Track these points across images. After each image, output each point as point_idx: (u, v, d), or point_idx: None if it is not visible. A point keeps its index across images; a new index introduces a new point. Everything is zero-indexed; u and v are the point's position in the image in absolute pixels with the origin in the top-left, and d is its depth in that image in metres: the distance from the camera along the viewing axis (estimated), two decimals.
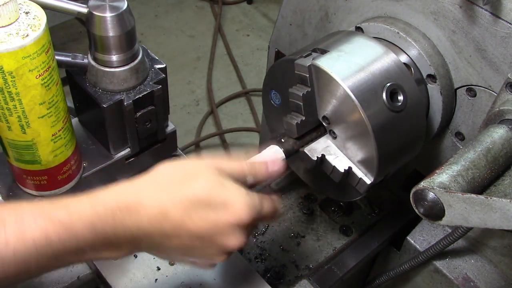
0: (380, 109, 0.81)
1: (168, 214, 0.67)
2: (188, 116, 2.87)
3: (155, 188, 0.69)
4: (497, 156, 0.73)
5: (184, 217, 0.68)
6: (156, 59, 1.00)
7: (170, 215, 0.67)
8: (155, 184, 0.70)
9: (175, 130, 1.08)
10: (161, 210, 0.67)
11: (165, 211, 0.67)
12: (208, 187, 0.69)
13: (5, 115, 0.77)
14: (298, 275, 1.07)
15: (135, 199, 0.67)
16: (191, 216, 0.68)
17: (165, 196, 0.68)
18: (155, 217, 0.67)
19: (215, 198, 0.69)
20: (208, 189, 0.69)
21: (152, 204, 0.67)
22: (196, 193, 0.68)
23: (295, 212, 1.18)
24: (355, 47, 0.86)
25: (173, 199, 0.68)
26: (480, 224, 0.66)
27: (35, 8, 0.76)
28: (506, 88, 0.80)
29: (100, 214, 0.65)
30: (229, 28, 3.49)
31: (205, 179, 0.70)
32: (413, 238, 1.09)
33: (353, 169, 0.86)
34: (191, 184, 0.69)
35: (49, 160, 0.87)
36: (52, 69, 0.78)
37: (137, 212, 0.66)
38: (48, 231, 0.62)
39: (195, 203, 0.68)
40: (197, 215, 0.68)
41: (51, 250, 0.63)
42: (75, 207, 0.65)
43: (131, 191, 0.69)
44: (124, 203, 0.67)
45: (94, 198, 0.67)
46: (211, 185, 0.69)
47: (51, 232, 0.63)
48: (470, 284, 1.03)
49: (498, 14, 0.84)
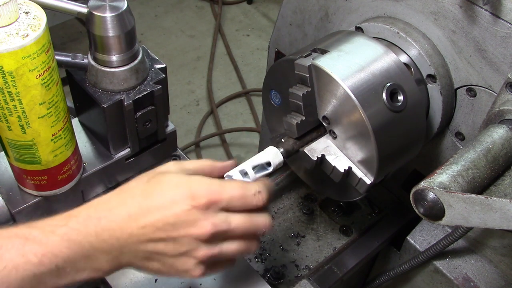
0: (380, 109, 0.81)
1: (136, 216, 0.69)
2: (188, 116, 2.87)
3: (123, 197, 0.72)
4: (497, 156, 0.73)
5: (148, 215, 0.69)
6: (156, 59, 1.00)
7: (139, 217, 0.69)
8: (123, 194, 0.72)
9: (175, 130, 1.08)
10: (129, 213, 0.69)
11: (133, 214, 0.69)
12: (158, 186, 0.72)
13: (5, 115, 0.77)
14: (298, 275, 1.07)
15: (105, 208, 0.70)
16: (154, 214, 0.69)
17: (131, 201, 0.70)
18: (123, 220, 0.69)
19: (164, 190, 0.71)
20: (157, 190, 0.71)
21: (120, 210, 0.70)
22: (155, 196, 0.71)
23: (295, 212, 1.18)
24: (355, 47, 0.86)
25: (138, 202, 0.70)
26: (480, 224, 0.66)
27: (35, 8, 0.76)
28: (506, 88, 0.80)
29: (73, 226, 0.68)
30: (229, 28, 3.49)
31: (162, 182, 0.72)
32: (413, 238, 1.09)
33: (353, 169, 0.86)
34: (154, 188, 0.72)
35: (49, 160, 0.87)
36: (52, 69, 0.78)
37: (107, 219, 0.69)
38: (24, 250, 0.64)
39: (156, 203, 0.70)
40: (159, 213, 0.69)
41: (31, 270, 0.64)
42: (49, 224, 0.68)
43: (101, 203, 0.71)
44: (95, 213, 0.69)
45: (66, 214, 0.70)
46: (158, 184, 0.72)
47: (28, 251, 0.64)
48: (470, 284, 1.03)
49: (498, 14, 0.84)
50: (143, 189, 0.72)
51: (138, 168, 1.06)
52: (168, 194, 0.70)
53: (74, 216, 0.69)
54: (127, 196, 0.72)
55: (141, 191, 0.71)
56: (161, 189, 0.71)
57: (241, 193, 0.73)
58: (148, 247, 0.70)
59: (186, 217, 0.69)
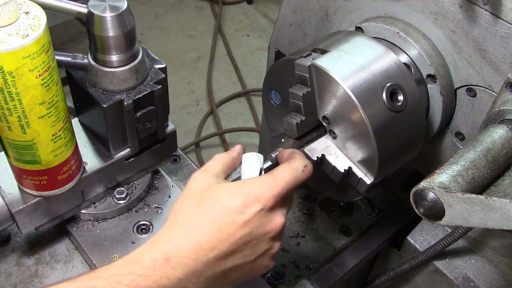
0: (380, 109, 0.81)
1: (208, 242, 0.67)
2: (188, 116, 2.87)
3: (184, 230, 0.68)
4: (497, 156, 0.73)
5: (219, 235, 0.67)
6: (156, 59, 1.00)
7: (211, 241, 0.67)
8: (181, 226, 0.69)
9: (175, 130, 1.08)
10: (199, 243, 0.66)
11: (204, 241, 0.67)
12: (221, 202, 0.69)
13: (5, 115, 0.77)
14: (298, 275, 1.07)
15: (171, 247, 0.66)
16: (225, 230, 0.67)
17: (195, 231, 0.67)
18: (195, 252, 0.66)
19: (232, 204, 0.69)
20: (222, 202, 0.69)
21: (188, 244, 0.66)
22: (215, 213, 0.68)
23: (295, 212, 1.18)
24: (355, 47, 0.86)
25: (203, 227, 0.67)
26: (480, 224, 0.66)
27: (35, 8, 0.76)
28: (506, 88, 0.80)
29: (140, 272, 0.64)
30: (229, 28, 3.49)
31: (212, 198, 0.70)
32: (413, 238, 1.09)
33: (353, 169, 0.86)
34: (212, 207, 0.69)
35: (49, 160, 0.86)
36: (52, 69, 0.78)
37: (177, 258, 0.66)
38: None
39: (223, 220, 0.68)
40: (230, 228, 0.67)
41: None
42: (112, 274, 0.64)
43: (162, 242, 0.68)
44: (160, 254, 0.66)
45: (128, 260, 0.66)
46: (222, 198, 0.69)
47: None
48: (470, 284, 1.03)
49: (498, 14, 0.84)
50: (202, 213, 0.69)
51: (138, 168, 1.06)
52: (230, 206, 0.68)
53: (138, 262, 0.65)
54: (188, 227, 0.68)
55: (201, 217, 0.68)
56: (221, 206, 0.68)
57: (293, 175, 0.73)
58: (227, 264, 0.68)
59: (259, 221, 0.69)
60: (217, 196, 0.69)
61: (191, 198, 0.71)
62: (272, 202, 0.70)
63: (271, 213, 0.70)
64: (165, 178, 1.14)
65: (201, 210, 0.69)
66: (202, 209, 0.69)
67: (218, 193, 0.70)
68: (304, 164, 0.75)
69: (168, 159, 1.12)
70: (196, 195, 0.71)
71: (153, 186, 1.12)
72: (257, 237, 0.69)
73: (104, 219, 1.05)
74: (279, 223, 0.71)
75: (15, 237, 1.04)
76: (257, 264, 0.72)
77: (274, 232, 0.71)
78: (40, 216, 0.95)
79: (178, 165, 1.20)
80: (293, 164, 0.75)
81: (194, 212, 0.69)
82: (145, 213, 1.07)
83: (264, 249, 0.71)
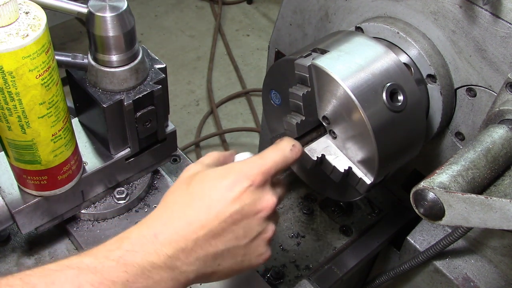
0: (380, 109, 0.81)
1: (197, 220, 0.66)
2: (188, 116, 2.87)
3: (173, 209, 0.68)
4: (497, 156, 0.73)
5: (209, 213, 0.67)
6: (156, 59, 1.00)
7: (200, 219, 0.67)
8: (171, 207, 0.69)
9: (175, 130, 1.08)
10: (188, 221, 0.66)
11: (193, 219, 0.66)
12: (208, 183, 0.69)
13: (5, 115, 0.77)
14: (298, 275, 1.07)
15: (159, 224, 0.67)
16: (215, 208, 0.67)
17: (185, 209, 0.68)
18: (184, 229, 0.66)
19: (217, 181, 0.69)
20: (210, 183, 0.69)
21: (177, 221, 0.67)
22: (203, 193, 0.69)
23: (295, 212, 1.18)
24: (355, 47, 0.86)
25: (193, 206, 0.68)
26: (480, 224, 0.66)
27: (35, 8, 0.76)
28: (506, 88, 0.80)
29: (128, 248, 0.64)
30: (229, 28, 3.49)
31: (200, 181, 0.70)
32: (413, 238, 1.09)
33: (353, 169, 0.86)
34: (202, 188, 0.69)
35: (49, 160, 0.86)
36: (52, 69, 0.78)
37: (165, 234, 0.65)
38: (80, 282, 0.60)
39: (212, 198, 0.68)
40: (220, 204, 0.67)
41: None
42: (100, 250, 0.64)
43: (151, 220, 0.68)
44: (148, 230, 0.66)
45: (117, 238, 0.66)
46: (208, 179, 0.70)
47: (83, 281, 0.60)
48: (470, 284, 1.03)
49: (498, 14, 0.84)
50: (191, 193, 0.69)
51: (138, 168, 1.06)
52: (219, 185, 0.68)
53: (126, 238, 0.65)
54: (178, 207, 0.68)
55: (190, 196, 0.69)
56: (211, 186, 0.68)
57: (281, 154, 0.73)
58: (218, 246, 0.67)
59: (249, 198, 0.68)
60: (206, 177, 0.70)
61: (181, 183, 0.72)
62: (261, 179, 0.69)
63: (261, 191, 0.69)
64: (165, 178, 1.14)
65: (190, 191, 0.69)
66: (192, 190, 0.69)
67: (207, 174, 0.70)
68: (291, 143, 0.75)
69: (168, 159, 1.12)
70: (186, 180, 0.71)
71: (153, 186, 1.12)
72: (247, 215, 0.68)
73: (104, 219, 1.05)
74: (270, 202, 0.70)
75: (15, 237, 1.04)
76: (251, 250, 0.70)
77: (266, 212, 0.70)
78: (40, 216, 0.95)
79: (178, 165, 1.20)
80: (280, 145, 0.75)
81: (183, 193, 0.70)
82: (145, 213, 1.07)
83: (257, 231, 0.70)
